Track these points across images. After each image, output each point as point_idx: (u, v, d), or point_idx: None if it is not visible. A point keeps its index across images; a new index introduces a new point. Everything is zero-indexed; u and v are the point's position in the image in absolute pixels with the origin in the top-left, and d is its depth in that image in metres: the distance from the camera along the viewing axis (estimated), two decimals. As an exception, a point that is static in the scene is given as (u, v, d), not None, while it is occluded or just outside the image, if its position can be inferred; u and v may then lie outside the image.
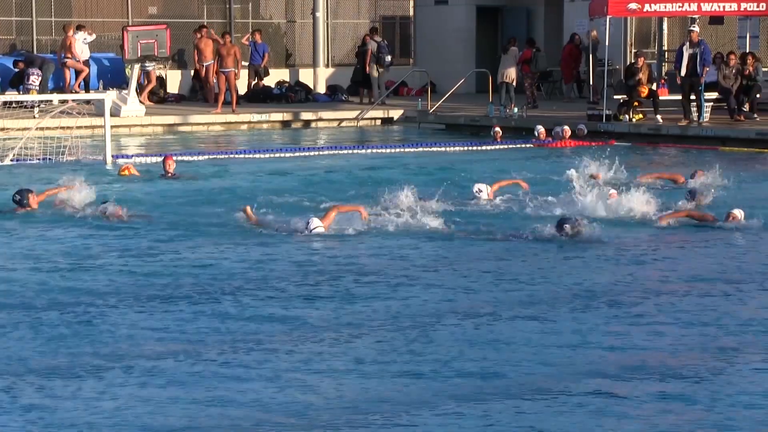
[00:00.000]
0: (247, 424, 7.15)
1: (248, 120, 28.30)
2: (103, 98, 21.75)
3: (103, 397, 7.59)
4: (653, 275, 11.41)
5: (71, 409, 7.37)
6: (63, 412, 7.34)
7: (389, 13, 36.90)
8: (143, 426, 7.10)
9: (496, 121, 26.17)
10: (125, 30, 27.39)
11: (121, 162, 19.97)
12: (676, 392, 7.72)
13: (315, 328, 9.36)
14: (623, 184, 16.33)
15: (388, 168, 19.97)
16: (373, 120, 29.45)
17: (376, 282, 10.98)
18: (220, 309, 9.92)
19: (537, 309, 9.90)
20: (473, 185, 15.85)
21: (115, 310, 9.83)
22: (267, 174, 19.17)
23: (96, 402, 7.51)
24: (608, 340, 8.98)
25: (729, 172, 17.33)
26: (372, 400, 7.59)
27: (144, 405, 7.45)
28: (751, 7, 25.43)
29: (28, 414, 7.30)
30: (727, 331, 9.28)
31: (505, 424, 7.15)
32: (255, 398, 7.60)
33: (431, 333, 9.16)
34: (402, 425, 7.15)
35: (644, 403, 7.50)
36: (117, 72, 29.61)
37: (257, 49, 30.73)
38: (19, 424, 7.14)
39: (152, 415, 7.27)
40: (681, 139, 23.96)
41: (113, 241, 12.92)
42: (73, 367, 8.22)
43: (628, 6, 24.96)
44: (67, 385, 7.84)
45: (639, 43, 31.10)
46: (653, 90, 25.44)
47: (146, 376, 8.01)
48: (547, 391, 7.70)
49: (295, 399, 7.61)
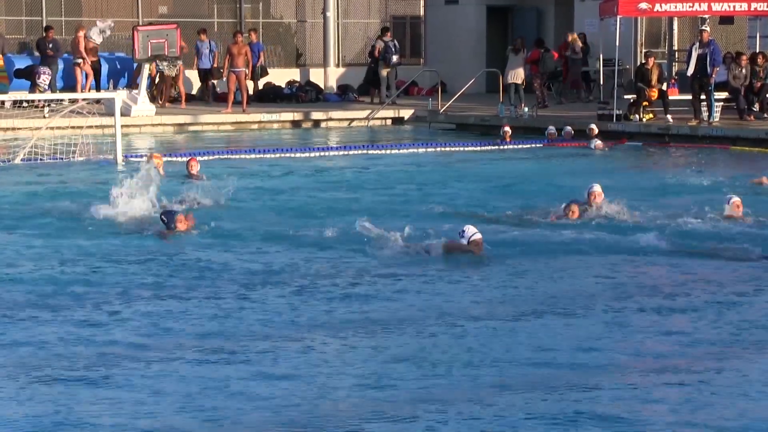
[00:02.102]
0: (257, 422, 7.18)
1: (258, 120, 28.33)
2: (114, 98, 21.79)
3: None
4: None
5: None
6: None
7: (400, 12, 36.91)
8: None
9: (506, 121, 26.16)
10: (135, 29, 27.45)
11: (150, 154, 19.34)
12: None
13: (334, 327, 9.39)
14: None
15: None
16: (383, 120, 29.46)
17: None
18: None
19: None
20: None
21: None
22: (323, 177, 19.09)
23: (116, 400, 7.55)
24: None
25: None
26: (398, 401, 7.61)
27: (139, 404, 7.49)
28: (762, 7, 25.41)
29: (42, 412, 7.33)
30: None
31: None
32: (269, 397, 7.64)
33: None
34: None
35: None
36: (127, 71, 29.68)
37: (253, 48, 30.36)
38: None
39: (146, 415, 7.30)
40: (691, 138, 23.95)
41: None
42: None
43: (638, 6, 24.95)
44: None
45: (649, 43, 31.06)
46: (663, 90, 25.42)
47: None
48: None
49: (313, 398, 7.64)
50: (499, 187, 17.70)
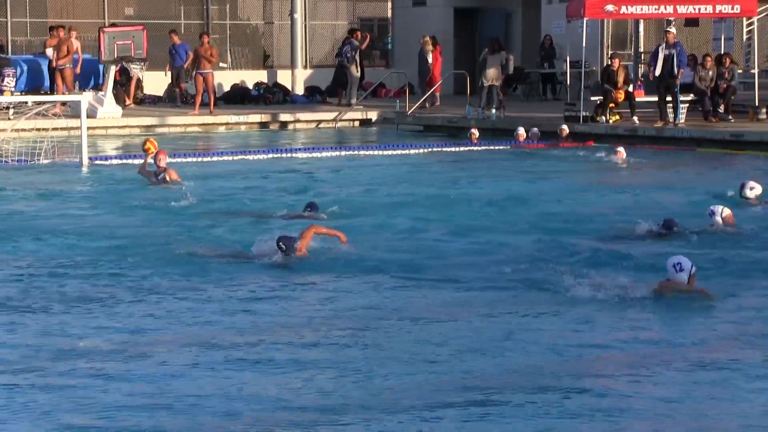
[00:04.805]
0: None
1: (226, 121, 28.26)
2: (80, 100, 21.69)
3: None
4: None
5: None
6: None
7: (367, 14, 36.91)
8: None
9: (474, 122, 26.22)
10: (101, 31, 27.34)
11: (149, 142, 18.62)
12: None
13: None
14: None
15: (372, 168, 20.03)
16: (351, 122, 29.46)
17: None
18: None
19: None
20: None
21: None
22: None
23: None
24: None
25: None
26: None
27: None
28: (726, 9, 25.57)
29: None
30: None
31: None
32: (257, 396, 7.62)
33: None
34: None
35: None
36: (93, 73, 29.53)
37: (177, 50, 30.01)
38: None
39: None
40: (657, 140, 24.07)
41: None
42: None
43: (604, 8, 25.06)
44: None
45: (615, 45, 31.19)
46: (629, 92, 25.54)
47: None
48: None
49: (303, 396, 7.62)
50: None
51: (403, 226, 14.07)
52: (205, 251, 12.33)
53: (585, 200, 16.44)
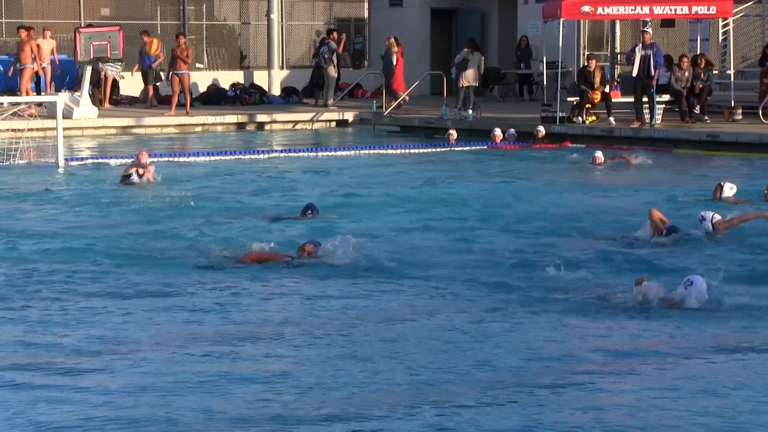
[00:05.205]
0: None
1: (202, 122, 28.20)
2: (55, 100, 21.60)
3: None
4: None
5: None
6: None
7: (344, 15, 36.89)
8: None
9: (450, 123, 26.24)
10: (77, 31, 27.21)
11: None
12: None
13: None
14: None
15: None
16: (327, 122, 29.44)
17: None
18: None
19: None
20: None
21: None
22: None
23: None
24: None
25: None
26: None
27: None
28: (702, 10, 25.66)
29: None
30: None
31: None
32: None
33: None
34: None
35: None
36: (69, 74, 29.41)
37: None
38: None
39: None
40: (633, 140, 24.12)
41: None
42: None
43: (581, 9, 25.12)
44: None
45: (592, 46, 31.26)
46: (606, 92, 25.60)
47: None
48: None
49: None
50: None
51: (380, 227, 14.07)
52: (181, 251, 12.31)
53: (561, 201, 16.47)
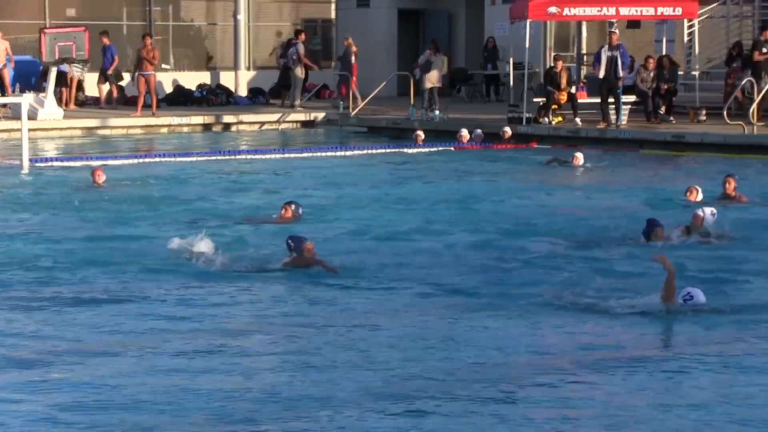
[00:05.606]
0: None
1: (168, 123, 28.10)
2: (20, 101, 21.47)
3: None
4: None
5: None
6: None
7: (311, 15, 36.85)
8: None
9: (417, 124, 26.25)
10: (42, 32, 27.06)
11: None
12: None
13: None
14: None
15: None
16: (294, 123, 29.40)
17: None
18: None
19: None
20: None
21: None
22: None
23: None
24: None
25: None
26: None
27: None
28: (668, 11, 25.81)
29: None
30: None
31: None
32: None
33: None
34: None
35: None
36: (34, 75, 29.24)
37: (104, 52, 29.44)
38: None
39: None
40: (600, 141, 24.21)
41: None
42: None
43: (547, 10, 25.19)
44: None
45: (558, 47, 31.36)
46: (572, 93, 25.69)
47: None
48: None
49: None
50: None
51: (347, 228, 14.06)
52: (146, 253, 12.27)
53: (528, 201, 16.51)
